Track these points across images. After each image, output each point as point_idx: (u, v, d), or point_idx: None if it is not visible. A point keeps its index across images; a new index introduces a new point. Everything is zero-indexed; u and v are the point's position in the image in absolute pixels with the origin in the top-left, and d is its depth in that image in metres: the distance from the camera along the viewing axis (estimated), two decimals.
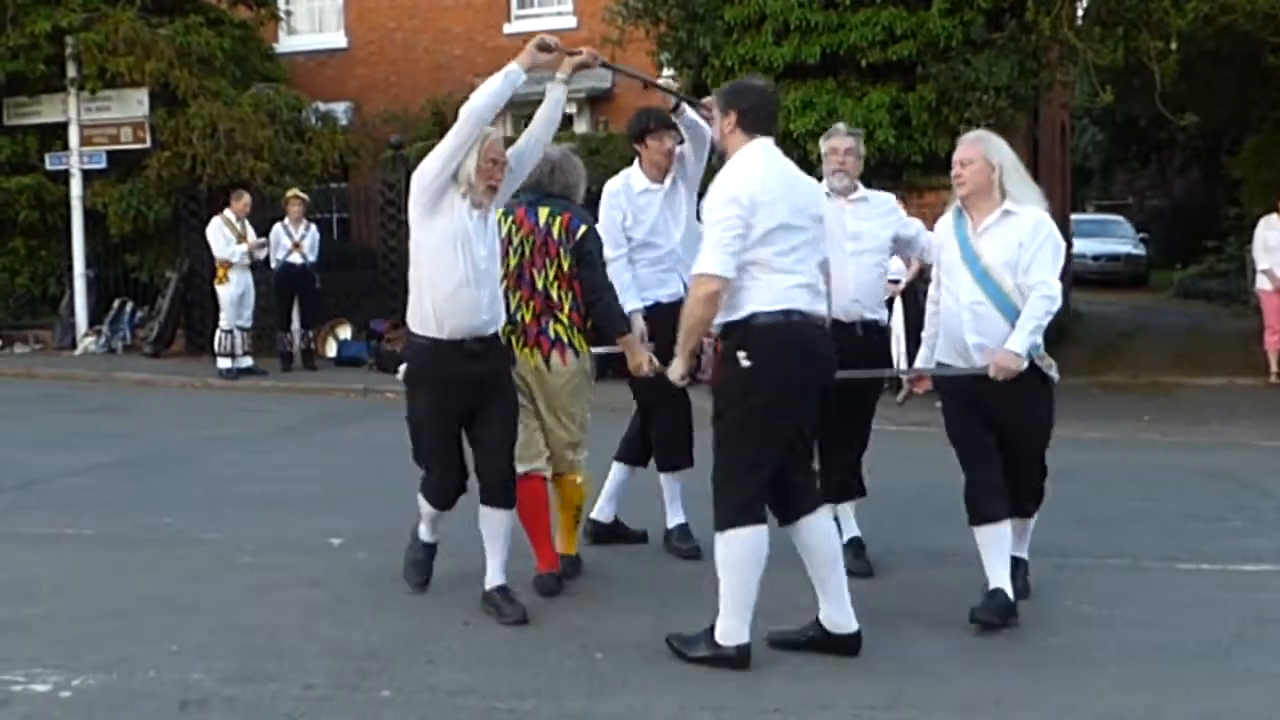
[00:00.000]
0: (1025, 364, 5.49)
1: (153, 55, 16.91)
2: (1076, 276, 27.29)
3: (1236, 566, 6.69)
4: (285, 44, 21.79)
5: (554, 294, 6.03)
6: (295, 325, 15.71)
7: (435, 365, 5.58)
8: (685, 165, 6.67)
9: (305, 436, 11.45)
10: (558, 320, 6.04)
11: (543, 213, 6.08)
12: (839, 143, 6.49)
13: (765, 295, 4.96)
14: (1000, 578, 5.56)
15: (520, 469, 5.88)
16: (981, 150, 5.65)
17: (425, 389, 5.67)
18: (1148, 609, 5.91)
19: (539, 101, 5.88)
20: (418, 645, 5.32)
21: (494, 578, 5.75)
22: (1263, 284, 14.27)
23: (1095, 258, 30.29)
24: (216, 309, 15.13)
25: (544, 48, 5.64)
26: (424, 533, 6.12)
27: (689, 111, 6.37)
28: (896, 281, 12.62)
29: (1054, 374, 5.73)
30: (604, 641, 5.37)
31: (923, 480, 8.72)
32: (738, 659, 4.98)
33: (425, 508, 5.97)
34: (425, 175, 5.46)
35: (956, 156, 5.72)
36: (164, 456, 10.16)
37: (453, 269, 5.44)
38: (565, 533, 6.35)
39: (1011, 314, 5.54)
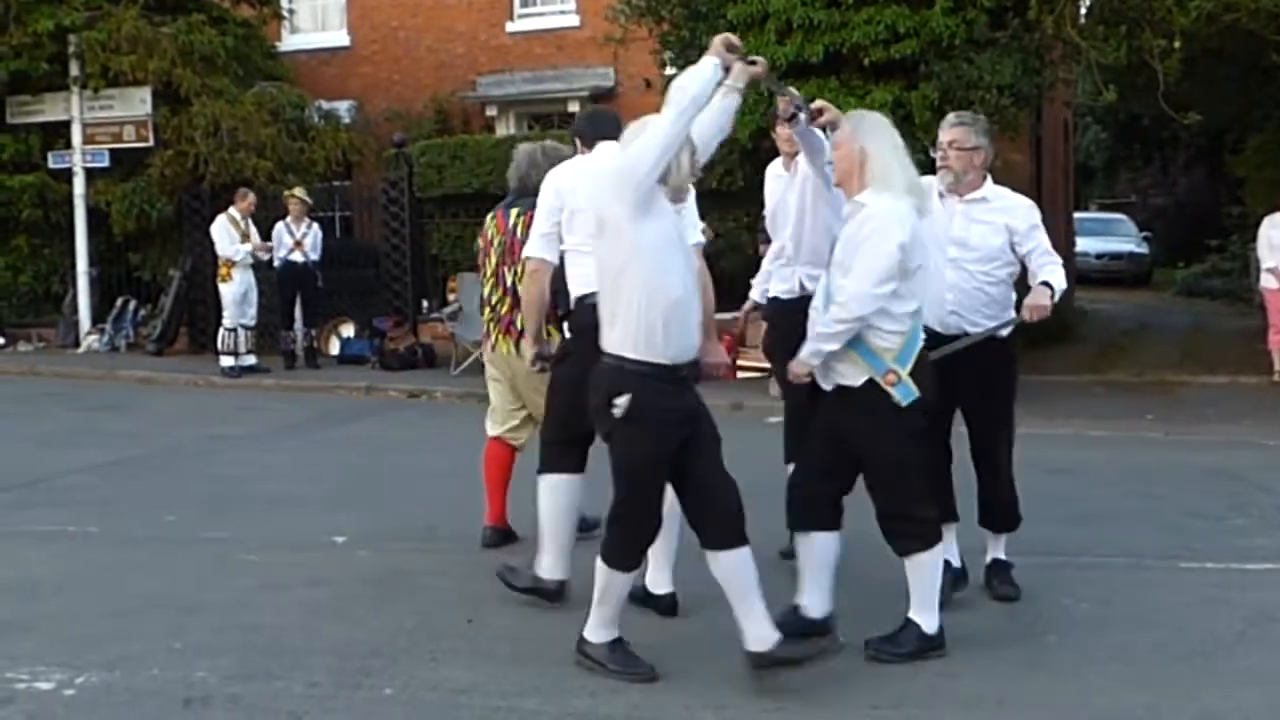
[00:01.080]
0: (807, 367, 5.14)
1: (155, 54, 16.92)
2: (1080, 275, 27.31)
3: (1239, 565, 6.68)
4: (288, 42, 21.80)
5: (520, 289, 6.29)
6: (298, 324, 15.72)
7: (664, 397, 4.74)
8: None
9: (308, 435, 11.45)
10: None
11: (513, 213, 6.52)
12: (942, 135, 5.89)
13: None
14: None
15: (491, 433, 6.72)
16: (849, 132, 5.28)
17: (652, 428, 4.74)
18: (1149, 607, 5.90)
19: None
20: (421, 643, 5.33)
21: (759, 639, 4.82)
22: (1267, 282, 14.25)
23: (1099, 256, 30.29)
24: (219, 307, 15.15)
25: (731, 47, 5.06)
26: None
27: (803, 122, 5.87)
28: None
29: (897, 394, 5.01)
30: None
31: None
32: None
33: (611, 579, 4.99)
34: (639, 171, 4.72)
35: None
36: (167, 455, 10.17)
37: (675, 278, 4.75)
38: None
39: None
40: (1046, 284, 5.66)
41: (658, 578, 5.66)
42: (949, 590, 5.60)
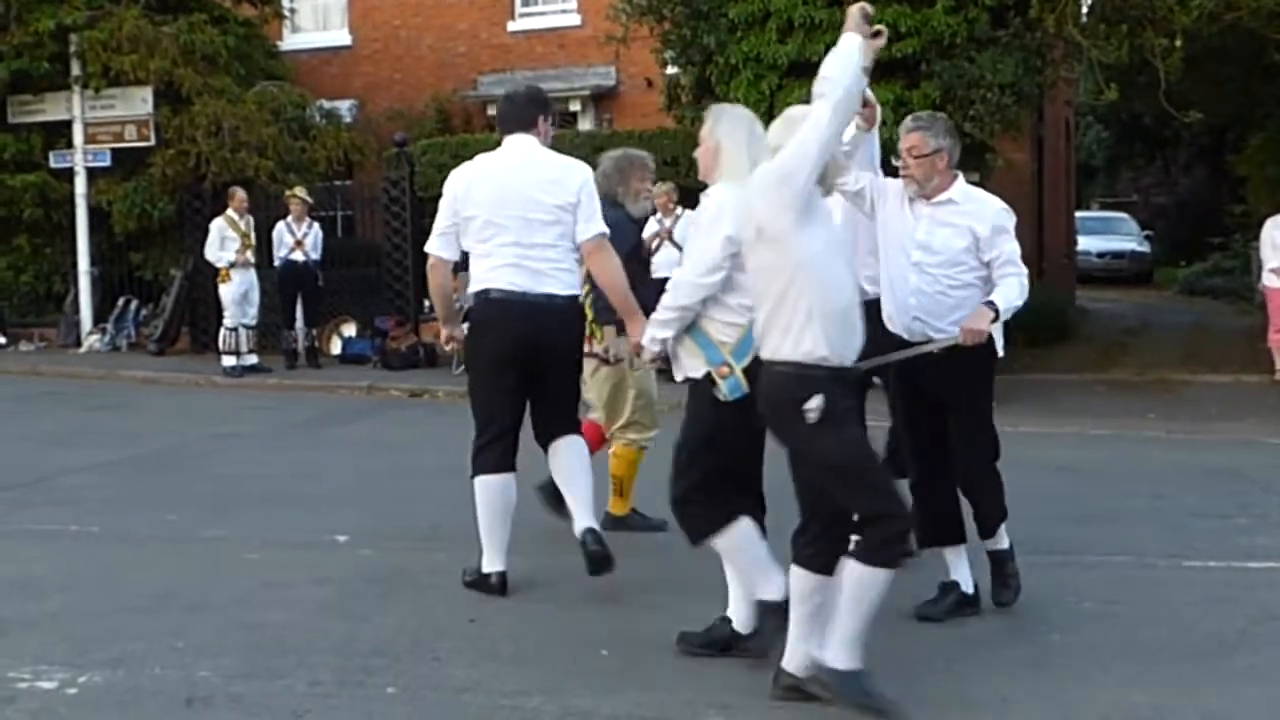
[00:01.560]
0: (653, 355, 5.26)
1: (157, 53, 16.93)
2: (1082, 274, 27.33)
3: (1242, 564, 6.68)
4: (289, 42, 21.81)
5: None
6: (299, 323, 15.73)
7: (845, 395, 4.62)
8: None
9: (310, 434, 11.46)
10: None
11: None
12: (900, 142, 5.67)
13: None
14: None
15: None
16: (709, 126, 5.22)
17: (846, 422, 4.63)
18: (1153, 606, 5.90)
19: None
20: (423, 642, 5.32)
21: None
22: (1269, 281, 14.25)
23: (1100, 255, 30.33)
24: (220, 307, 15.15)
25: (867, 16, 4.78)
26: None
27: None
28: None
29: (724, 386, 4.99)
30: (610, 638, 5.37)
31: None
32: None
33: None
34: (800, 175, 4.49)
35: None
36: (169, 454, 10.17)
37: (846, 282, 4.63)
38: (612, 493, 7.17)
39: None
40: (991, 304, 5.43)
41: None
42: (948, 611, 5.66)
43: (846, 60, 4.57)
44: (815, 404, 4.44)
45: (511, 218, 5.89)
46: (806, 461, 4.59)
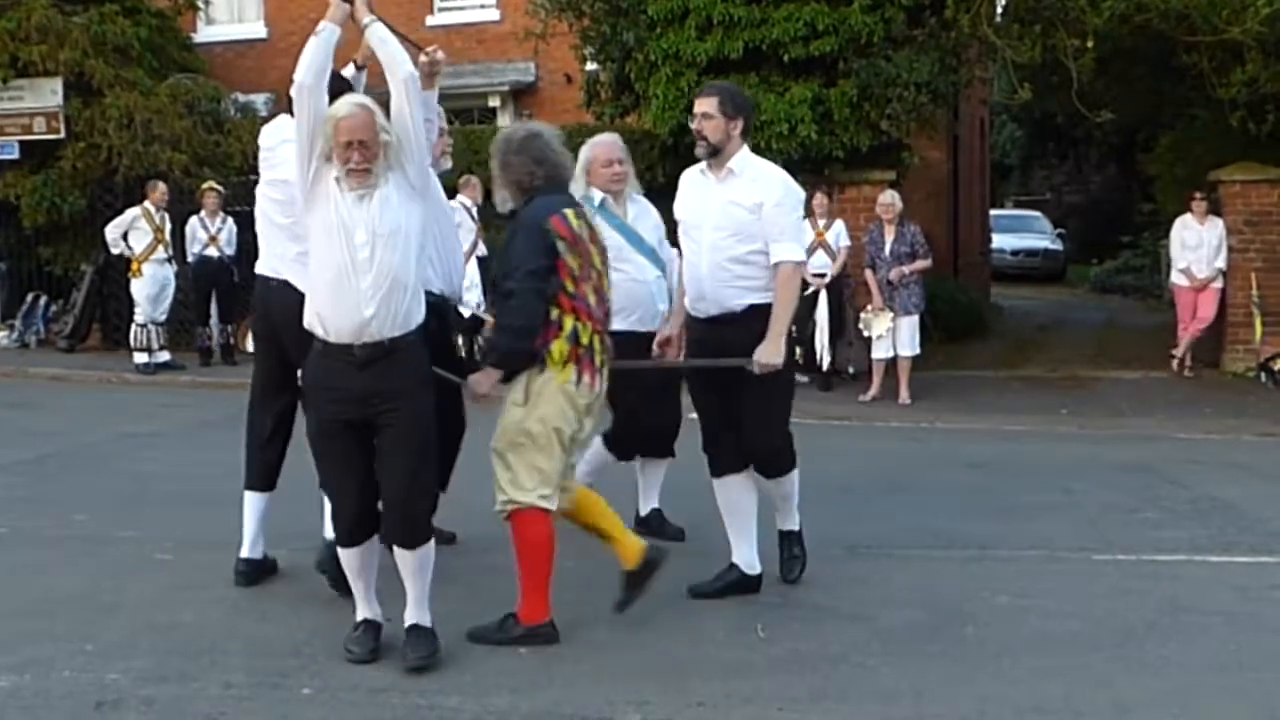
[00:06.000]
0: None
1: (66, 44, 16.61)
2: (995, 271, 27.68)
3: (1151, 556, 6.81)
4: (204, 34, 21.50)
5: None
6: (214, 320, 15.51)
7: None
8: None
9: (224, 432, 11.22)
10: None
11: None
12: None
13: None
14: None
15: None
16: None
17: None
18: (1064, 599, 5.99)
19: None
20: (339, 643, 5.25)
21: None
22: (1178, 280, 14.54)
23: (1014, 253, 30.71)
24: (132, 302, 14.91)
25: None
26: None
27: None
28: (822, 275, 12.73)
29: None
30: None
31: (844, 474, 8.80)
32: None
33: None
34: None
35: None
36: (79, 453, 9.99)
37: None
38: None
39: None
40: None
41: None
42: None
43: (306, 53, 5.34)
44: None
45: None
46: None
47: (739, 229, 5.64)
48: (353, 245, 4.81)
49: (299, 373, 5.46)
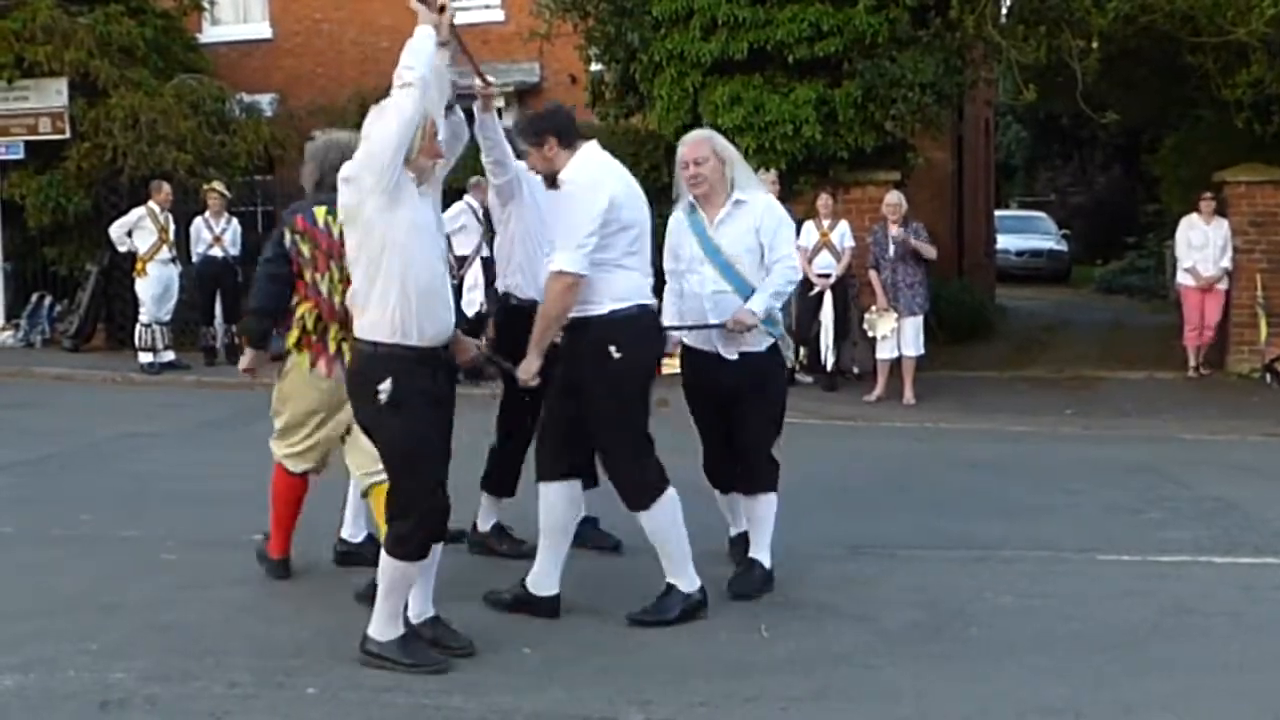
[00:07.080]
0: (758, 321, 5.75)
1: (72, 44, 16.63)
2: (1000, 272, 27.67)
3: (1155, 558, 6.80)
4: (209, 34, 21.47)
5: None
6: (218, 319, 15.52)
7: (424, 378, 4.96)
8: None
9: (229, 432, 11.31)
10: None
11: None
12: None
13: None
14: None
15: None
16: (712, 147, 5.87)
17: (417, 407, 4.93)
18: (1068, 600, 5.99)
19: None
20: (343, 642, 5.25)
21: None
22: (1183, 280, 14.52)
23: (1019, 254, 30.70)
24: (137, 302, 14.93)
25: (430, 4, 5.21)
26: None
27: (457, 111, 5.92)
28: (827, 275, 12.75)
29: (789, 355, 5.98)
30: (531, 637, 5.35)
31: (848, 474, 8.80)
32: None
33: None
34: (381, 159, 4.84)
35: (688, 156, 5.86)
36: (84, 453, 10.00)
37: (432, 266, 5.05)
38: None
39: (749, 295, 5.81)
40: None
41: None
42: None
43: (420, 50, 4.99)
44: (385, 386, 4.74)
45: (647, 230, 5.61)
46: (377, 440, 4.97)
47: None
48: (438, 246, 4.98)
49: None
